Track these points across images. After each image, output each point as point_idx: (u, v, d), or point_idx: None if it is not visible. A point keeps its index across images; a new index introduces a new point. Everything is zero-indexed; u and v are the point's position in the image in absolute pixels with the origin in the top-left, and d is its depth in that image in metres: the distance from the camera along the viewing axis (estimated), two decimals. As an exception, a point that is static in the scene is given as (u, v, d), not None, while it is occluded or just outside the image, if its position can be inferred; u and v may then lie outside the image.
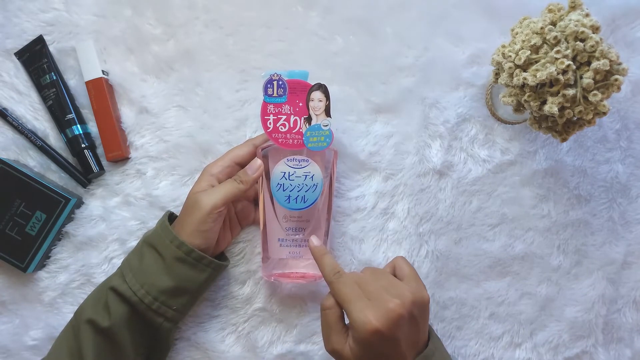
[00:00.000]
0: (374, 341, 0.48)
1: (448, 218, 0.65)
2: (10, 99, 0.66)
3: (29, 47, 0.65)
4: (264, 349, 0.63)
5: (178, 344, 0.63)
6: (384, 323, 0.48)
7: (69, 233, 0.64)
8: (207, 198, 0.56)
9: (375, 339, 0.48)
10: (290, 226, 0.59)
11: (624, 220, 0.65)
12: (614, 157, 0.65)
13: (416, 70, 0.65)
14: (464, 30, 0.65)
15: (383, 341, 0.48)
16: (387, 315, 0.48)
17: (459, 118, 0.65)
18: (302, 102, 0.57)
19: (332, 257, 0.56)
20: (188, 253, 0.55)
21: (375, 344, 0.49)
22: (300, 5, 0.66)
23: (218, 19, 0.66)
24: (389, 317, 0.48)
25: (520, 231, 0.65)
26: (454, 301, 0.64)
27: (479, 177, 0.65)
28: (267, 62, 0.65)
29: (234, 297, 0.64)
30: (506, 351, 0.64)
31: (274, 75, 0.57)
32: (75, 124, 0.64)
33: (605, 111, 0.51)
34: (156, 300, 0.55)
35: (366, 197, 0.65)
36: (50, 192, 0.62)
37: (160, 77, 0.66)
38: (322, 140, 0.57)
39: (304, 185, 0.58)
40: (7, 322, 0.64)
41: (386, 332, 0.48)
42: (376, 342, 0.48)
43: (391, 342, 0.49)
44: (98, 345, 0.54)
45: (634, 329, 0.65)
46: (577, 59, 0.51)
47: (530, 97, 0.53)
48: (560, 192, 0.65)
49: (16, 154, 0.65)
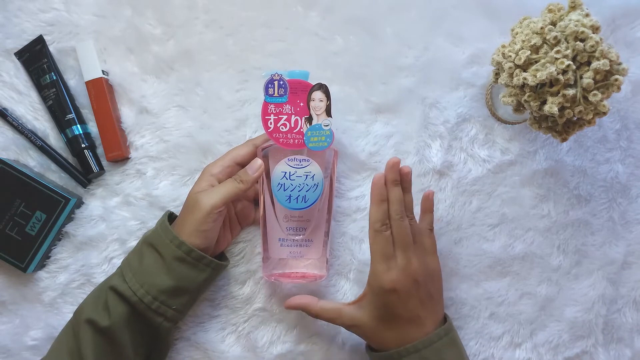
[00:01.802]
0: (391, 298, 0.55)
1: (448, 218, 0.65)
2: (10, 99, 0.66)
3: (29, 47, 0.65)
4: (264, 349, 0.63)
5: (178, 344, 0.63)
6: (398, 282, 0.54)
7: (69, 233, 0.64)
8: (207, 198, 0.56)
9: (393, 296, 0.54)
10: (290, 226, 0.59)
11: (624, 220, 0.65)
12: (614, 157, 0.65)
13: (416, 70, 0.65)
14: (464, 30, 0.65)
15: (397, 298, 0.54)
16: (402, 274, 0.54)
17: (459, 118, 0.65)
18: (303, 102, 0.57)
19: (386, 207, 0.56)
20: (188, 253, 0.55)
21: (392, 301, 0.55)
22: (300, 5, 0.66)
23: (218, 19, 0.66)
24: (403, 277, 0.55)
25: (520, 231, 0.65)
26: (454, 301, 0.64)
27: (479, 177, 0.65)
28: (267, 62, 0.65)
29: (234, 297, 0.64)
30: (506, 351, 0.64)
31: (274, 75, 0.57)
32: (75, 124, 0.64)
33: (605, 111, 0.51)
34: (156, 299, 0.55)
35: (366, 197, 0.65)
36: (50, 192, 0.62)
37: (160, 77, 0.66)
38: (322, 140, 0.57)
39: (304, 185, 0.58)
40: (7, 322, 0.64)
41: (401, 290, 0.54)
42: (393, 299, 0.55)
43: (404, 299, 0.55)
44: (98, 345, 0.54)
45: (634, 329, 0.65)
46: (577, 59, 0.51)
47: (530, 97, 0.53)
48: (560, 192, 0.65)
49: (16, 154, 0.65)
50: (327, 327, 0.64)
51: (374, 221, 0.55)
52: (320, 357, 0.63)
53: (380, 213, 0.55)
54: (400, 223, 0.55)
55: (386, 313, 0.55)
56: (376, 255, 0.55)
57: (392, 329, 0.55)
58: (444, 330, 0.56)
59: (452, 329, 0.57)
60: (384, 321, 0.55)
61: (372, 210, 0.55)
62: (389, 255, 0.55)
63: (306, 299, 0.59)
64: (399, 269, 0.54)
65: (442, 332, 0.55)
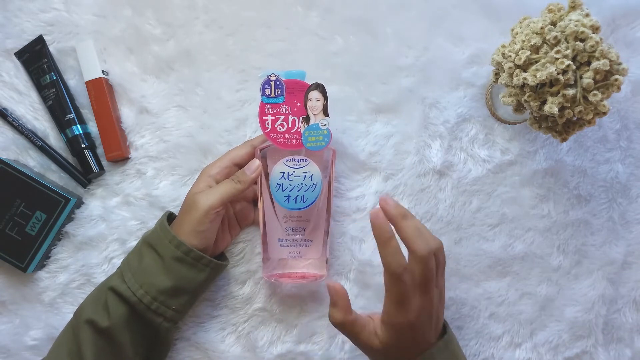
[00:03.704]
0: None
1: (448, 218, 0.64)
2: (10, 99, 0.66)
3: (29, 47, 0.65)
4: (264, 349, 0.63)
5: (178, 344, 0.63)
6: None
7: (69, 233, 0.64)
8: (205, 198, 0.56)
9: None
10: (290, 226, 0.59)
11: (624, 220, 0.65)
12: (614, 157, 0.65)
13: (416, 70, 0.65)
14: (464, 30, 0.65)
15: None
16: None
17: (459, 118, 0.65)
18: (300, 102, 0.57)
19: (396, 244, 0.49)
20: (187, 253, 0.55)
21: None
22: (300, 5, 0.66)
23: (218, 19, 0.66)
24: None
25: (520, 231, 0.65)
26: (454, 301, 0.64)
27: (479, 177, 0.65)
28: (267, 62, 0.65)
29: (234, 297, 0.64)
30: (506, 351, 0.64)
31: (271, 75, 0.57)
32: (75, 124, 0.64)
33: (605, 111, 0.51)
34: (155, 300, 0.55)
35: (366, 197, 0.65)
36: (50, 192, 0.62)
37: (160, 77, 0.66)
38: (320, 140, 0.57)
39: (303, 185, 0.58)
40: (7, 322, 0.64)
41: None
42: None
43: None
44: (97, 345, 0.54)
45: (634, 329, 0.65)
46: (577, 59, 0.51)
47: (530, 97, 0.53)
48: (560, 192, 0.65)
49: (16, 154, 0.65)
50: (327, 327, 0.64)
51: (393, 265, 0.48)
52: (320, 357, 0.63)
53: (393, 254, 0.48)
54: (427, 262, 0.48)
55: (399, 344, 0.52)
56: (393, 298, 0.50)
57: (398, 352, 0.52)
58: (444, 343, 0.53)
59: (451, 340, 0.54)
60: (391, 348, 0.52)
61: (385, 253, 0.48)
62: (408, 297, 0.49)
63: (344, 298, 0.52)
64: (418, 309, 0.50)
65: (442, 344, 0.53)
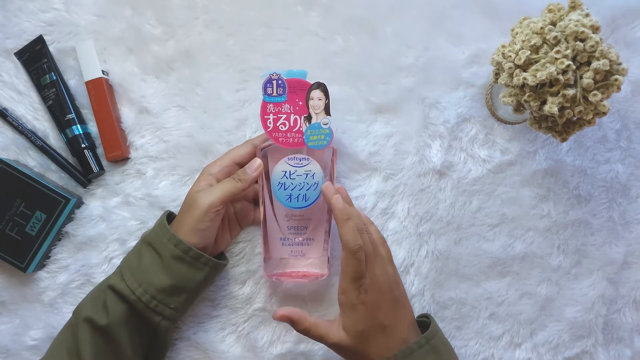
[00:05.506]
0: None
1: (448, 218, 0.65)
2: (10, 99, 0.66)
3: (29, 47, 0.65)
4: (264, 349, 0.63)
5: (178, 344, 0.63)
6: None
7: (69, 233, 0.64)
8: (205, 197, 0.56)
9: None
10: (291, 225, 0.59)
11: (624, 220, 0.65)
12: (614, 157, 0.65)
13: (416, 70, 0.65)
14: (464, 30, 0.65)
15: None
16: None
17: (459, 118, 0.65)
18: (302, 101, 0.57)
19: (352, 224, 0.54)
20: (185, 251, 0.55)
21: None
22: (300, 5, 0.66)
23: (218, 19, 0.66)
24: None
25: (520, 231, 0.65)
26: (454, 301, 0.64)
27: (479, 177, 0.65)
28: (267, 62, 0.65)
29: (234, 297, 0.64)
30: (506, 351, 0.64)
31: (273, 74, 0.57)
32: (75, 124, 0.64)
33: (605, 111, 0.51)
34: (154, 298, 0.55)
35: (366, 197, 0.65)
36: (50, 192, 0.62)
37: (160, 77, 0.66)
38: (322, 139, 0.57)
39: (305, 183, 0.58)
40: (7, 322, 0.64)
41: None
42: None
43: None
44: (96, 344, 0.54)
45: (634, 329, 0.65)
46: (577, 59, 0.51)
47: (530, 97, 0.53)
48: (560, 192, 0.65)
49: (16, 154, 0.65)
50: (327, 327, 0.64)
51: (350, 242, 0.53)
52: (320, 357, 0.63)
53: (352, 232, 0.53)
54: (364, 237, 0.54)
55: (360, 328, 0.54)
56: (348, 275, 0.53)
57: (369, 343, 0.54)
58: (425, 339, 0.54)
59: (434, 335, 0.55)
60: (359, 338, 0.54)
61: (344, 231, 0.53)
62: (361, 274, 0.53)
63: (297, 313, 0.56)
64: (367, 286, 0.53)
65: (423, 340, 0.54)
